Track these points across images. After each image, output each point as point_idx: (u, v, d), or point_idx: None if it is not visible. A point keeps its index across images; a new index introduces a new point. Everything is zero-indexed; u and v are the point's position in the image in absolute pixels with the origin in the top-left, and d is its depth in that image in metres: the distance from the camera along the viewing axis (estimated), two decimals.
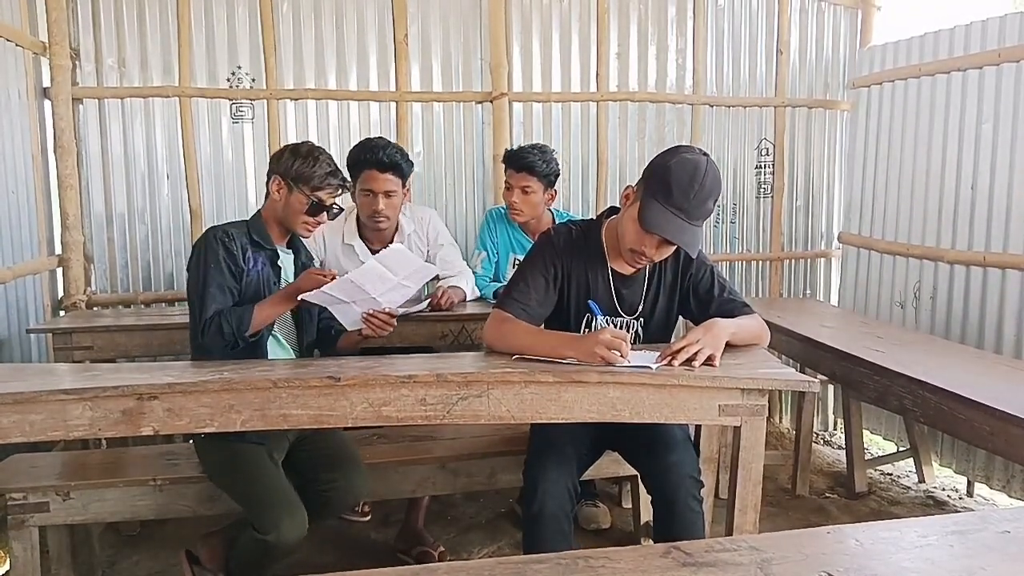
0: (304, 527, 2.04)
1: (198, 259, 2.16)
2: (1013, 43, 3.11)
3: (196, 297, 2.14)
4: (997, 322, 3.20)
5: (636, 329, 2.22)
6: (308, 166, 2.20)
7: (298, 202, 2.22)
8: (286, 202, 2.23)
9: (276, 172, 2.24)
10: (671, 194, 1.94)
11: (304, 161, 2.21)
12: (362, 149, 2.77)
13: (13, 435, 1.77)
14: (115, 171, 3.41)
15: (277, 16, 3.50)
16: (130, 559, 2.77)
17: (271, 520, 2.00)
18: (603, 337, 1.93)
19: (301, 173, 2.20)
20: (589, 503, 3.02)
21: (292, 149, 2.25)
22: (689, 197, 1.93)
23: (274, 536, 1.99)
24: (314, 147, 2.27)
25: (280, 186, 2.23)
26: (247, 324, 2.11)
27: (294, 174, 2.21)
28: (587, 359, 1.93)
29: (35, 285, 3.18)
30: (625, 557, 1.24)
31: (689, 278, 2.20)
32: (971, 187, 3.33)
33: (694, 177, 1.93)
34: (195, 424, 1.84)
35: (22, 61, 3.10)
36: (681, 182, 1.93)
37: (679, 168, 1.94)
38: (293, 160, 2.22)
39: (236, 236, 2.20)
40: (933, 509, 3.28)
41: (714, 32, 4.04)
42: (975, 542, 1.29)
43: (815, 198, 4.33)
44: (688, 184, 1.93)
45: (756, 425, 1.93)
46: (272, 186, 2.24)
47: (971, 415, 2.15)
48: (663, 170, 1.97)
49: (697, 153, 1.99)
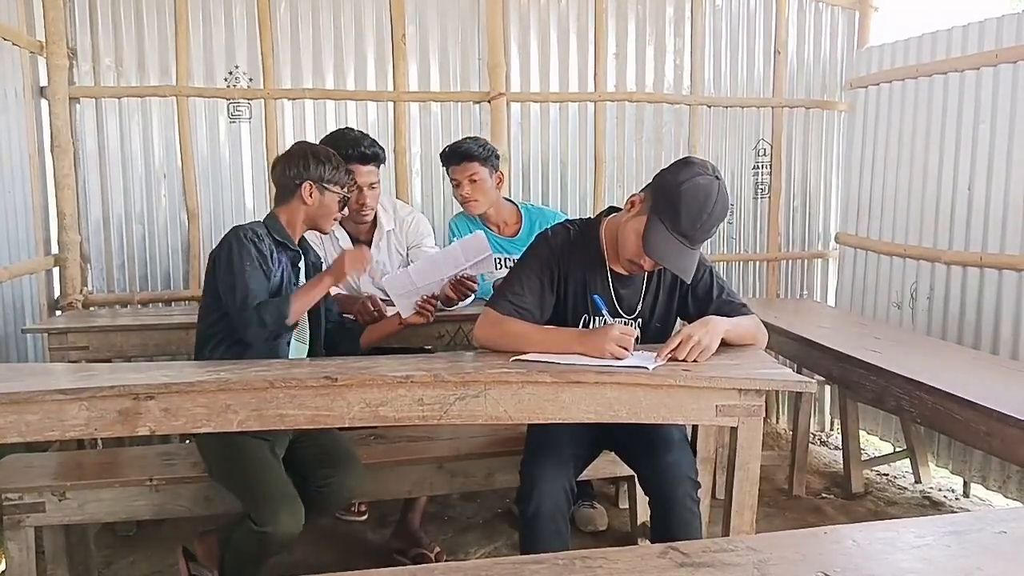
0: (301, 522, 2.06)
1: (230, 255, 2.18)
2: (1010, 44, 3.11)
3: (231, 291, 2.15)
4: (994, 323, 3.21)
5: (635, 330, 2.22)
6: (332, 167, 2.32)
7: (332, 202, 2.33)
8: (320, 204, 2.31)
9: (307, 179, 2.29)
10: (678, 221, 1.93)
11: (330, 164, 2.32)
12: (341, 144, 2.65)
13: (9, 435, 1.76)
14: (112, 171, 3.41)
15: (275, 16, 3.50)
16: (126, 559, 2.76)
17: (270, 512, 2.01)
18: (613, 333, 1.94)
19: (333, 177, 2.32)
20: (586, 504, 3.01)
21: (312, 155, 2.32)
22: (696, 226, 1.94)
23: (272, 528, 2.00)
24: (326, 148, 2.39)
25: (312, 190, 2.30)
26: (287, 311, 2.15)
27: (327, 177, 2.31)
28: (596, 354, 1.94)
29: (31, 285, 3.17)
30: (622, 557, 1.24)
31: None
32: (968, 188, 3.33)
33: (704, 206, 1.93)
34: (191, 424, 1.83)
35: (19, 60, 3.09)
36: (691, 210, 1.92)
37: (690, 194, 1.93)
38: (323, 165, 2.31)
39: (263, 237, 2.24)
40: (929, 510, 3.28)
41: (712, 32, 4.04)
42: (971, 542, 1.29)
43: (812, 199, 4.34)
44: (697, 214, 1.93)
45: (753, 425, 1.93)
46: (303, 192, 2.29)
47: (967, 416, 2.15)
48: (674, 193, 1.94)
49: (710, 176, 1.96)
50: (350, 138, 2.72)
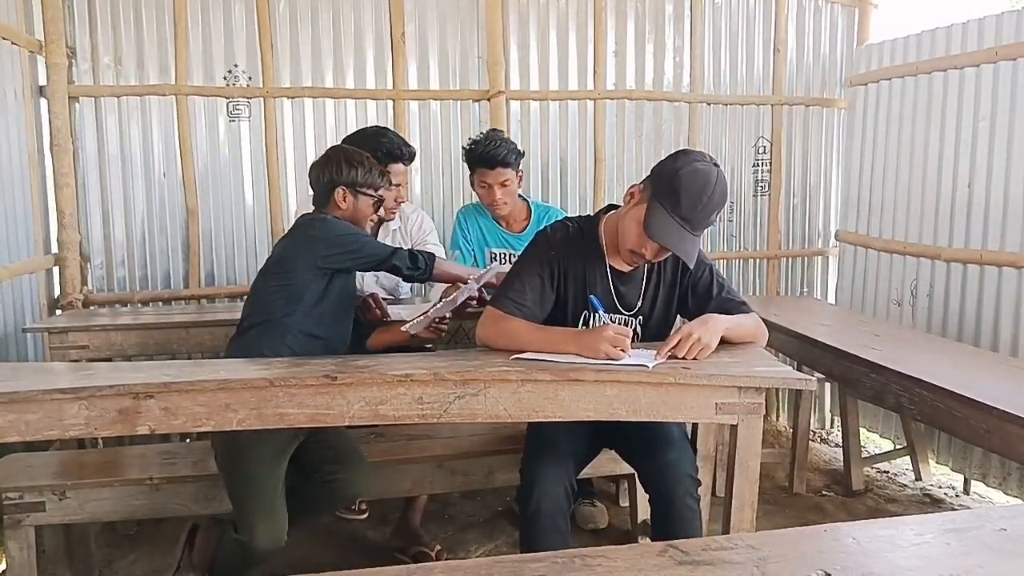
0: (281, 537, 2.08)
1: (329, 227, 2.24)
2: (1009, 41, 3.11)
3: (358, 249, 2.24)
4: (993, 320, 3.21)
5: (635, 327, 2.22)
6: (366, 171, 2.33)
7: (366, 205, 2.36)
8: (355, 208, 2.33)
9: (341, 184, 2.30)
10: (679, 204, 1.94)
11: (363, 167, 2.33)
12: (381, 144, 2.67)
13: (9, 435, 1.76)
14: (112, 170, 3.40)
15: (274, 14, 3.49)
16: (127, 558, 2.76)
17: (247, 522, 2.05)
18: (607, 333, 1.94)
19: (366, 180, 2.33)
20: (586, 502, 3.02)
21: (346, 159, 2.33)
22: (696, 209, 1.94)
23: (247, 538, 2.04)
24: (359, 151, 2.39)
25: (345, 195, 2.31)
26: (431, 264, 2.33)
27: (361, 182, 2.32)
28: (591, 355, 1.93)
29: (31, 284, 3.17)
30: (621, 555, 1.24)
31: (688, 277, 2.19)
32: (968, 185, 3.33)
33: (704, 190, 1.93)
34: (191, 423, 1.83)
35: (18, 59, 3.09)
36: (691, 193, 1.93)
37: (690, 178, 1.94)
38: (356, 169, 2.32)
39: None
40: (930, 507, 3.28)
41: (711, 30, 4.03)
42: (971, 540, 1.29)
43: (812, 196, 4.34)
44: (697, 196, 1.93)
45: (753, 423, 1.93)
46: (337, 196, 2.31)
47: (968, 413, 2.16)
48: (673, 177, 1.96)
49: (708, 163, 1.98)
50: (390, 139, 2.74)
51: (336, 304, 2.25)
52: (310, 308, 2.18)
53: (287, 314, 2.17)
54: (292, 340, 2.17)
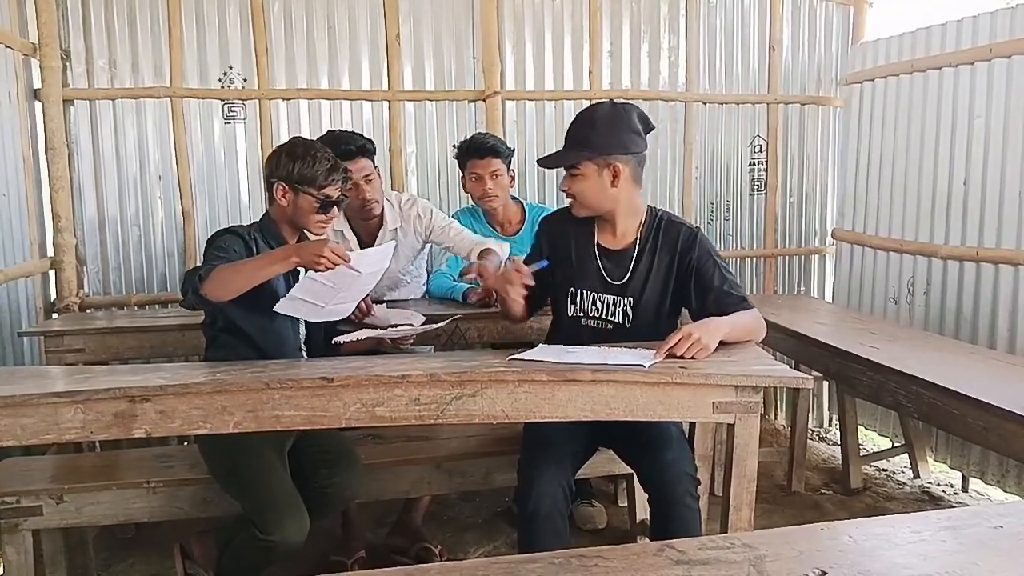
0: (306, 529, 2.04)
1: (214, 240, 2.16)
2: (1004, 38, 3.11)
3: (206, 256, 2.11)
4: (990, 317, 3.21)
5: (624, 308, 2.23)
6: (308, 167, 2.15)
7: (307, 204, 2.18)
8: (295, 206, 2.19)
9: (277, 178, 2.19)
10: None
11: (303, 162, 2.15)
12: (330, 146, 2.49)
13: (5, 439, 1.76)
14: (107, 172, 3.39)
15: (268, 16, 3.49)
16: (125, 562, 2.76)
17: (274, 521, 1.99)
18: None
19: (304, 175, 2.15)
20: (585, 503, 3.01)
21: (287, 152, 2.19)
22: (572, 126, 2.23)
23: (278, 536, 1.98)
24: (307, 143, 2.23)
25: (284, 191, 2.18)
26: (205, 276, 1.96)
27: (297, 177, 2.15)
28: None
29: (27, 288, 3.16)
30: (618, 555, 1.24)
31: (690, 261, 2.21)
32: (964, 182, 3.33)
33: (583, 113, 2.27)
34: (187, 426, 1.83)
35: (12, 63, 3.08)
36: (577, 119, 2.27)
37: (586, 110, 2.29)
38: (291, 163, 2.16)
39: (254, 236, 2.21)
40: (928, 504, 3.29)
41: (707, 29, 4.03)
42: (968, 537, 1.29)
43: (809, 195, 4.34)
44: (576, 119, 2.27)
45: (750, 422, 1.93)
46: (276, 192, 2.19)
47: (965, 410, 2.16)
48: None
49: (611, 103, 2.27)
50: (331, 138, 2.70)
51: (251, 302, 2.10)
52: (228, 310, 2.15)
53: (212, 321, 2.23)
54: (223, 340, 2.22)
